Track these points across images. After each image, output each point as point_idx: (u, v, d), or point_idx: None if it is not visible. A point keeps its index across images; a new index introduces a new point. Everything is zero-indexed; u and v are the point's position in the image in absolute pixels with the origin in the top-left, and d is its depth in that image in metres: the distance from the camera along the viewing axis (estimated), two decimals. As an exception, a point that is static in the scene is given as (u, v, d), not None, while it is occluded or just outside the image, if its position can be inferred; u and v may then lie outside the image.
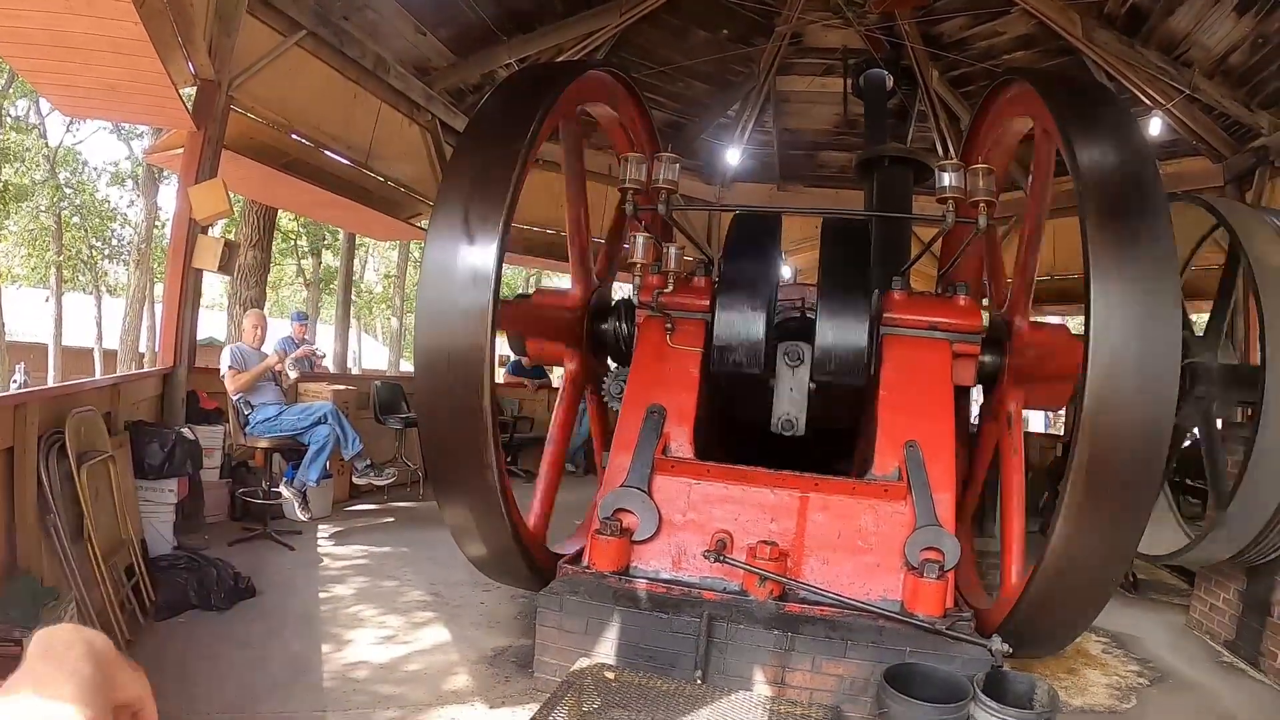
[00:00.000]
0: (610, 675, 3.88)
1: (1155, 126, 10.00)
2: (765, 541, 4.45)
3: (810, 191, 13.94)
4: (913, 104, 11.49)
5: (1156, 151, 9.67)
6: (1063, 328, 5.54)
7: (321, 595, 5.73)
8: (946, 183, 4.85)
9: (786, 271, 5.32)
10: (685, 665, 4.18)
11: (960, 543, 4.42)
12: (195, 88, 7.13)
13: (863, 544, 4.56)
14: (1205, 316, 6.69)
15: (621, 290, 6.15)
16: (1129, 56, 9.50)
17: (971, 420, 6.64)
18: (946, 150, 11.66)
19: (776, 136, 13.45)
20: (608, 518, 4.65)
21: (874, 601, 4.32)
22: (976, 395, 6.19)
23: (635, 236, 5.14)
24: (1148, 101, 9.83)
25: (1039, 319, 6.10)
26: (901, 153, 8.46)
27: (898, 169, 8.28)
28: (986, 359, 5.19)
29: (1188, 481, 6.31)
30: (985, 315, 5.44)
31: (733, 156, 13.57)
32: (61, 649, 0.69)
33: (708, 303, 5.33)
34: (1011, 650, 3.85)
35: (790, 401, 5.17)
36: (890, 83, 10.10)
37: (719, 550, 4.46)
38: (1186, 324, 5.88)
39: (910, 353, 5.05)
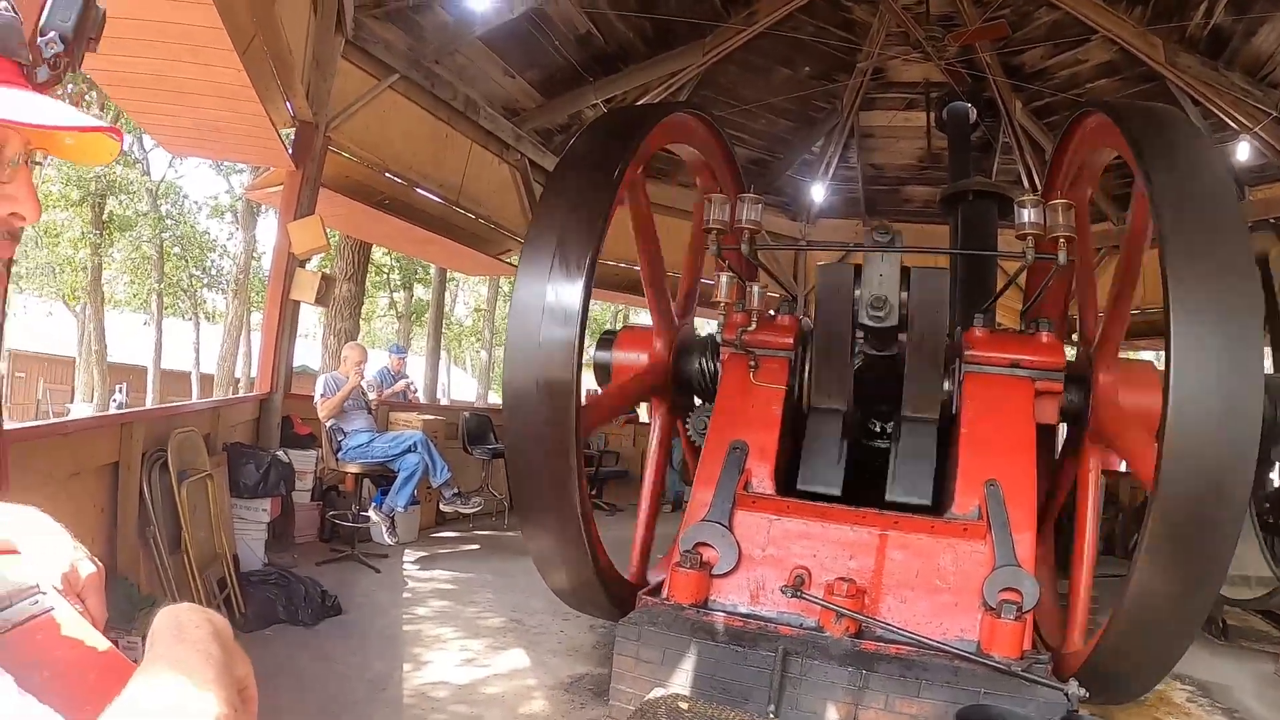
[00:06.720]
0: (684, 705, 3.92)
1: (1243, 151, 9.64)
2: (843, 578, 4.43)
3: (895, 227, 13.78)
4: (996, 136, 11.34)
5: (1245, 176, 9.41)
6: (1149, 369, 5.34)
7: (404, 616, 5.90)
8: (1025, 218, 4.83)
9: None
10: (759, 699, 4.19)
11: (1042, 582, 4.34)
12: (294, 129, 7.50)
13: (940, 583, 4.51)
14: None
15: (707, 326, 6.17)
16: (1213, 80, 9.24)
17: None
18: (1032, 182, 11.44)
19: (861, 172, 13.39)
20: (688, 551, 4.69)
21: (950, 641, 4.26)
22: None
23: (720, 276, 5.21)
24: (1234, 125, 9.51)
25: (1127, 355, 5.90)
26: (986, 186, 8.35)
27: (982, 203, 8.18)
28: (1070, 398, 5.09)
29: (1280, 523, 6.07)
30: (1070, 351, 5.34)
31: (817, 193, 13.52)
32: (191, 630, 0.73)
33: (791, 340, 5.36)
34: (1088, 695, 3.78)
35: (880, 283, 4.90)
36: (973, 115, 10.01)
37: (797, 586, 4.45)
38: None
39: (992, 390, 4.99)
